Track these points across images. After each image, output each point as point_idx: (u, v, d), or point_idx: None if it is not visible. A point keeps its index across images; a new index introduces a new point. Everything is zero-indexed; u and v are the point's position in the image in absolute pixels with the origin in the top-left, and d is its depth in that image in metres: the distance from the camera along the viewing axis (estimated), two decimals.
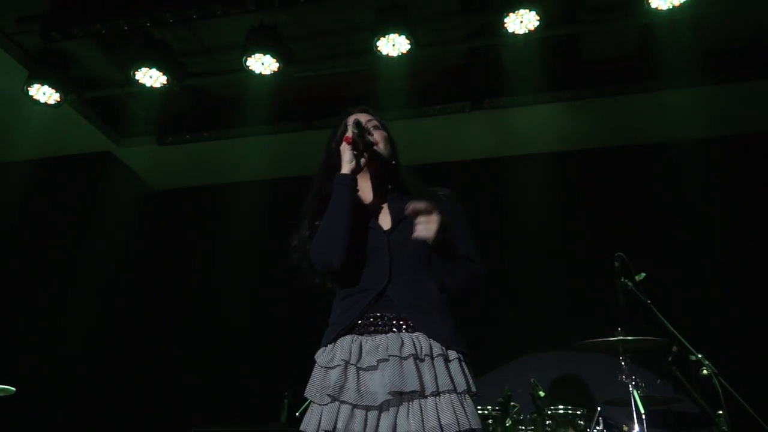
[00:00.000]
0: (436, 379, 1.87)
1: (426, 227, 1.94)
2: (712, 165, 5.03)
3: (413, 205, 1.95)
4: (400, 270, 2.03)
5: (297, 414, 4.07)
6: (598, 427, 3.86)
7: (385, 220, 2.14)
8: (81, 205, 5.65)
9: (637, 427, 3.70)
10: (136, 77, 4.53)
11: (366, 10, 4.27)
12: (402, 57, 4.27)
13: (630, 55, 4.73)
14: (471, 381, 1.95)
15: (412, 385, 1.84)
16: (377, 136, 2.21)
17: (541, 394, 4.02)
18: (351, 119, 2.20)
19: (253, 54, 4.33)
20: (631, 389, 3.76)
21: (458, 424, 1.83)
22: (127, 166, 5.95)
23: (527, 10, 4.01)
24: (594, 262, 4.54)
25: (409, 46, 4.19)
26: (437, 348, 1.94)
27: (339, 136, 2.24)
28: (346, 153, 2.10)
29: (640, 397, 3.73)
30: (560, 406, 3.98)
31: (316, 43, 4.67)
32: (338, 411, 1.88)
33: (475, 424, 1.87)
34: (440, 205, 2.07)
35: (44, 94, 4.62)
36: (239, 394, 5.20)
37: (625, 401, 3.80)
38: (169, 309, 5.83)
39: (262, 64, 4.39)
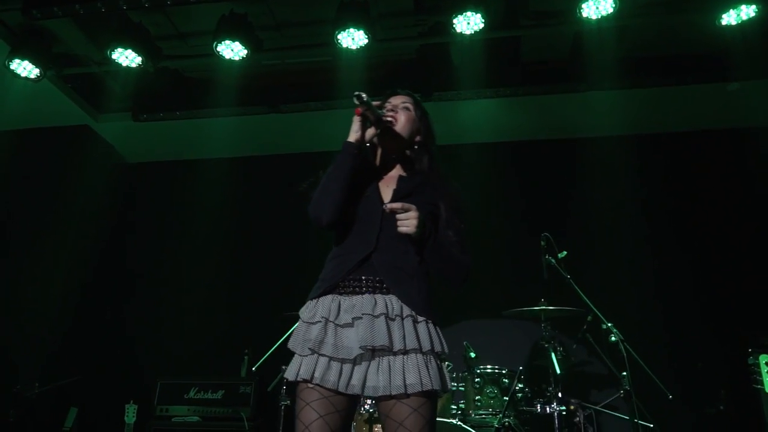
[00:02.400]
0: (404, 338, 1.85)
1: (407, 223, 1.90)
2: (629, 158, 5.06)
3: (390, 205, 1.92)
4: (387, 240, 1.97)
5: (253, 369, 4.00)
6: (519, 385, 3.90)
7: (387, 193, 2.07)
8: (58, 173, 5.39)
9: (553, 385, 3.75)
10: (113, 57, 4.30)
11: (329, 5, 4.13)
12: (360, 50, 4.16)
13: (563, 58, 4.69)
14: (438, 342, 1.91)
15: (382, 340, 1.81)
16: (400, 114, 2.14)
17: (472, 355, 4.03)
18: (383, 100, 2.16)
19: (224, 40, 4.16)
20: (550, 352, 3.79)
21: (421, 384, 1.81)
22: (104, 139, 5.70)
23: (473, 13, 3.93)
24: (522, 240, 4.55)
25: (366, 41, 4.09)
26: (407, 310, 1.90)
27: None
28: (355, 123, 2.06)
29: (557, 359, 3.76)
30: (488, 366, 4.01)
31: (282, 33, 4.50)
32: (316, 362, 1.85)
33: (438, 384, 1.84)
34: (446, 197, 2.06)
35: (25, 68, 4.39)
36: (204, 350, 5.08)
37: (545, 362, 3.82)
38: (140, 272, 5.66)
39: (232, 50, 4.22)
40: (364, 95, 2.00)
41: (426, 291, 1.97)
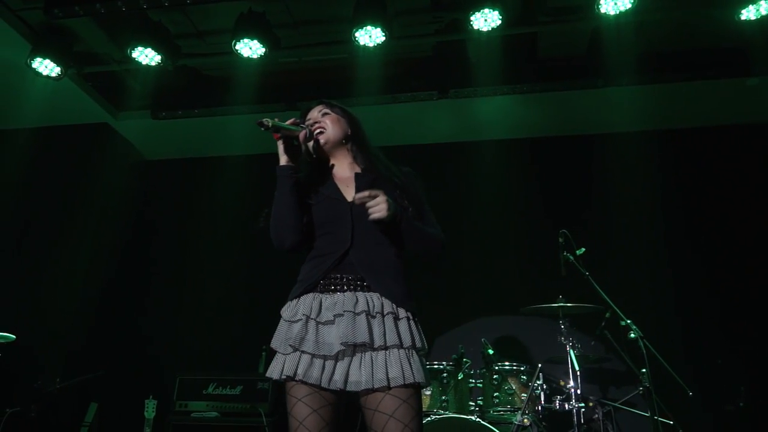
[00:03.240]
0: (384, 334, 1.90)
1: (377, 209, 1.95)
2: (647, 154, 5.08)
3: (358, 196, 1.98)
4: (361, 236, 2.04)
5: None
6: (538, 381, 3.92)
7: (348, 192, 2.14)
8: (79, 171, 5.50)
9: (572, 382, 3.79)
10: (133, 55, 4.39)
11: (346, 3, 4.19)
12: (377, 47, 4.21)
13: (580, 54, 4.71)
14: (418, 338, 1.97)
15: (362, 337, 1.87)
16: (324, 121, 2.21)
17: (490, 351, 4.05)
18: (304, 116, 2.26)
19: (242, 39, 4.23)
20: (568, 349, 3.84)
21: (404, 377, 1.85)
22: (123, 136, 5.81)
23: (491, 10, 3.97)
24: (540, 237, 4.59)
25: (383, 38, 4.13)
26: (388, 306, 1.95)
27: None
28: (278, 148, 2.15)
29: (575, 356, 3.81)
30: (506, 363, 4.04)
31: (299, 31, 4.57)
32: (299, 359, 1.90)
33: (420, 378, 1.88)
34: (401, 180, 2.15)
35: (46, 67, 4.49)
36: (222, 346, 5.16)
37: (563, 359, 3.86)
38: (159, 269, 5.75)
39: (250, 48, 4.29)
40: (265, 121, 2.07)
41: (404, 283, 2.04)
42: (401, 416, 1.84)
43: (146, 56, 4.41)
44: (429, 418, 3.69)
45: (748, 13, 3.91)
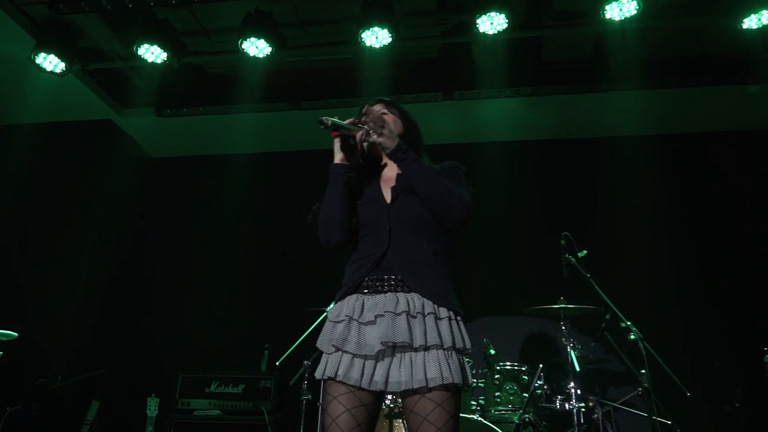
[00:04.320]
0: (425, 334, 1.92)
1: (378, 131, 2.04)
2: (650, 158, 5.20)
3: (365, 119, 2.09)
4: (399, 237, 2.07)
5: (277, 363, 4.13)
6: (539, 381, 4.01)
7: (387, 192, 2.17)
8: (82, 167, 5.55)
9: (572, 382, 3.88)
10: (139, 52, 4.43)
11: (353, 3, 4.26)
12: (383, 48, 4.29)
13: (585, 58, 4.83)
14: (459, 338, 1.98)
15: (403, 337, 1.89)
16: (387, 119, 2.20)
17: (492, 351, 4.14)
18: (362, 114, 2.23)
19: (249, 38, 4.29)
20: (569, 350, 3.90)
21: (442, 377, 1.87)
22: (127, 133, 5.86)
23: (497, 13, 4.05)
24: (542, 239, 4.69)
25: (390, 39, 4.21)
26: (429, 306, 1.97)
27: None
28: (334, 145, 2.16)
29: (576, 356, 3.88)
30: (507, 363, 4.13)
31: (306, 31, 4.64)
32: (340, 359, 1.96)
33: (458, 379, 1.89)
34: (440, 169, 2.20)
35: (50, 62, 4.52)
36: (225, 345, 5.24)
37: (564, 360, 3.94)
38: (162, 267, 5.81)
39: (257, 47, 4.35)
40: (325, 119, 2.10)
41: (444, 280, 2.06)
42: (434, 419, 1.86)
43: (152, 54, 4.46)
44: None
45: (750, 22, 4.04)
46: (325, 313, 3.86)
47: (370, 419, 1.96)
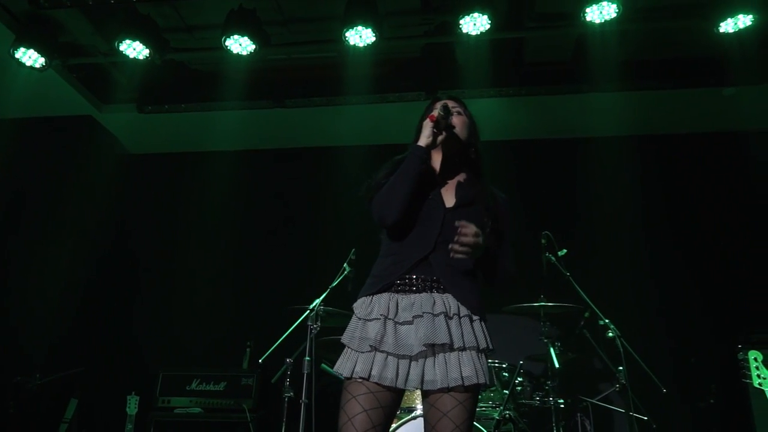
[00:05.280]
0: (462, 335, 1.96)
1: (463, 250, 1.96)
2: (629, 159, 5.27)
3: (463, 226, 1.96)
4: (445, 242, 2.04)
5: (260, 361, 4.12)
6: (519, 378, 4.06)
7: (448, 197, 2.17)
8: (62, 163, 5.48)
9: (551, 379, 3.93)
10: (120, 48, 4.38)
11: (337, 2, 4.26)
12: (367, 47, 4.29)
13: (565, 60, 4.87)
14: (488, 340, 2.04)
15: (443, 338, 1.93)
16: (457, 120, 2.23)
17: None
18: (439, 103, 2.24)
19: (232, 35, 4.26)
20: (548, 347, 3.95)
21: (477, 377, 1.93)
22: (107, 129, 5.79)
23: (480, 14, 4.08)
24: (523, 238, 4.71)
25: (373, 38, 4.21)
26: (464, 310, 2.01)
27: (425, 116, 2.22)
28: (427, 129, 2.12)
29: (555, 354, 3.93)
30: (488, 360, 4.16)
31: (290, 29, 4.62)
32: (374, 359, 1.95)
33: (486, 379, 1.97)
34: (494, 205, 2.18)
35: (30, 57, 4.45)
36: (206, 342, 5.22)
37: (543, 357, 4.00)
38: (142, 264, 5.78)
39: (240, 45, 4.32)
40: (447, 103, 2.15)
41: (479, 291, 2.09)
42: (454, 416, 1.92)
43: (134, 50, 4.41)
44: (414, 414, 3.81)
45: (726, 26, 4.11)
46: (308, 311, 3.86)
47: (386, 421, 1.98)
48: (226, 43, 4.32)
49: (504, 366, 4.14)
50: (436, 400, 1.95)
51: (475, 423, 3.72)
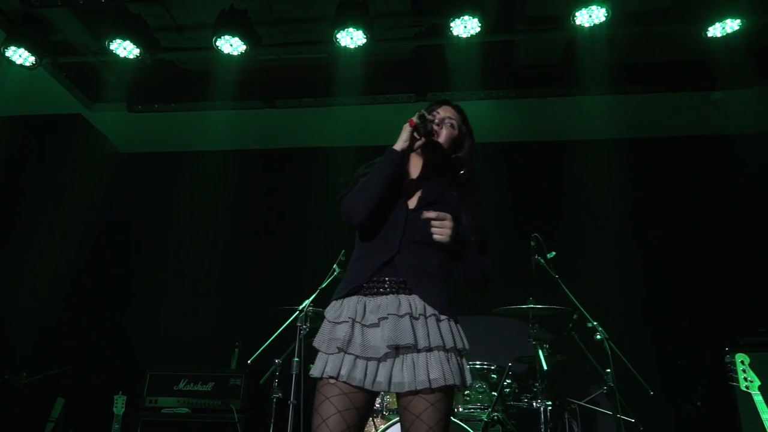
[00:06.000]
0: (428, 336, 1.95)
1: (440, 231, 2.01)
2: (617, 161, 5.27)
3: (427, 214, 2.02)
4: (409, 243, 2.07)
5: (249, 362, 4.08)
6: (507, 380, 4.04)
7: (413, 201, 2.16)
8: (50, 160, 5.46)
9: (540, 381, 3.92)
10: (111, 47, 4.36)
11: (327, 3, 4.25)
12: (358, 49, 4.28)
13: (555, 63, 4.87)
14: (459, 339, 2.02)
15: (407, 339, 1.92)
16: (445, 131, 2.20)
17: None
18: (432, 108, 2.25)
19: (223, 35, 4.24)
20: (537, 349, 3.93)
21: (444, 378, 1.91)
22: (97, 128, 5.75)
23: (470, 17, 4.08)
24: (512, 240, 4.72)
25: (364, 40, 4.20)
26: (430, 309, 2.00)
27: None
28: (404, 133, 2.10)
29: (544, 356, 3.90)
30: (477, 362, 4.14)
31: (280, 29, 4.60)
32: (342, 360, 1.96)
33: (459, 380, 1.96)
34: (475, 210, 2.17)
35: (20, 56, 4.43)
36: (194, 342, 5.17)
37: (532, 359, 3.99)
38: (131, 263, 5.74)
39: (231, 45, 4.30)
40: (425, 112, 2.12)
41: (447, 290, 2.08)
42: (427, 418, 1.91)
43: (124, 49, 4.39)
44: None
45: (714, 31, 4.12)
46: (297, 312, 3.83)
47: (360, 422, 1.98)
48: (217, 43, 4.30)
49: (493, 368, 4.14)
50: (408, 403, 1.95)
51: (463, 424, 3.72)
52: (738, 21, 4.06)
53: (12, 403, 4.54)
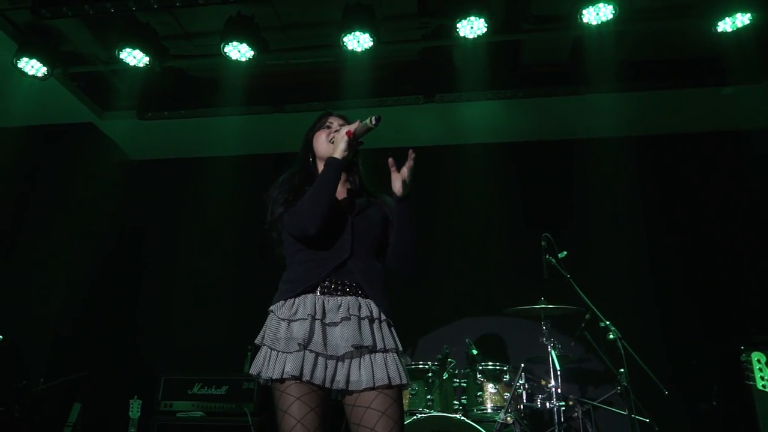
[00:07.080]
0: (383, 339, 2.07)
1: (404, 172, 2.17)
2: (627, 159, 5.21)
3: (413, 155, 2.19)
4: (359, 248, 2.17)
5: None
6: (520, 381, 4.01)
7: (350, 206, 2.25)
8: (64, 170, 5.47)
9: (553, 381, 3.89)
10: (121, 56, 4.36)
11: (334, 7, 4.22)
12: (365, 52, 4.25)
13: (563, 61, 4.80)
14: (399, 343, 2.14)
15: (368, 340, 2.02)
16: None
17: (474, 352, 4.14)
18: (335, 119, 2.41)
19: (231, 42, 4.23)
20: (549, 349, 3.94)
21: (400, 378, 2.03)
22: (108, 136, 5.78)
23: (477, 17, 4.03)
24: (523, 240, 4.68)
25: (371, 43, 4.18)
26: (383, 315, 2.11)
27: (316, 129, 2.40)
28: (343, 143, 2.18)
29: (556, 356, 3.91)
30: (490, 363, 4.12)
31: (287, 34, 4.58)
32: (303, 359, 1.95)
33: (406, 380, 2.07)
34: (385, 204, 2.32)
35: (32, 67, 4.45)
36: (208, 346, 5.18)
37: (545, 359, 3.97)
38: (144, 269, 5.75)
39: (239, 51, 4.29)
40: (374, 119, 2.19)
41: (387, 294, 2.19)
42: (393, 414, 1.97)
43: (134, 57, 4.39)
44: (415, 417, 3.76)
45: (724, 25, 4.04)
46: None
47: (327, 416, 2.01)
48: (225, 50, 4.29)
49: (505, 368, 4.11)
50: (372, 401, 1.98)
51: (477, 426, 3.68)
52: (748, 15, 3.97)
53: (30, 408, 4.56)
